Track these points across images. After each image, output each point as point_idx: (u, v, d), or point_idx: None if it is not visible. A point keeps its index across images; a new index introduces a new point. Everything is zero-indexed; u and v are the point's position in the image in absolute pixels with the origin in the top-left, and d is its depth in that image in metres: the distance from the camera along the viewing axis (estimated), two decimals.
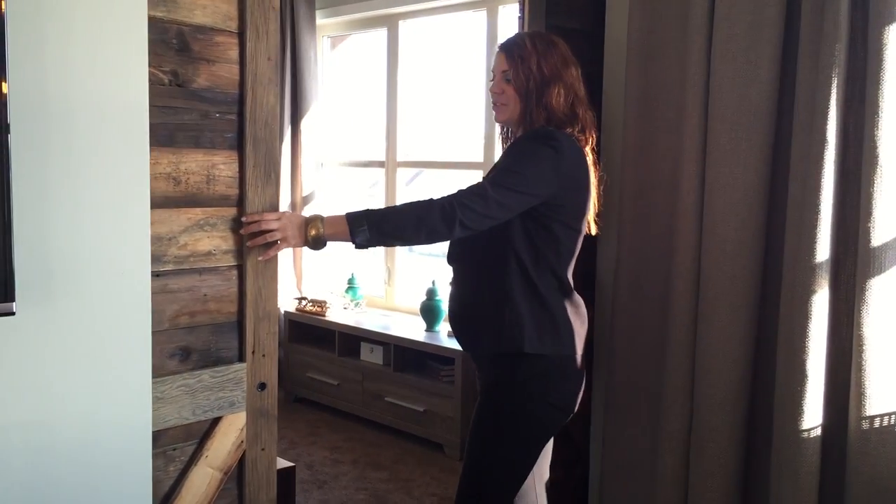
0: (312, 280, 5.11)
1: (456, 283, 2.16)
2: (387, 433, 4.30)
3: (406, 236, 1.92)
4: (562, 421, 2.12)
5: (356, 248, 1.90)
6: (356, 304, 4.74)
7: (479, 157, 4.34)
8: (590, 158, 2.09)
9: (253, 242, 1.88)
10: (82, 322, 1.56)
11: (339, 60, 5.35)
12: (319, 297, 4.80)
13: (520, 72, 2.01)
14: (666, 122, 2.56)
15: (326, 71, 5.22)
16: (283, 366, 4.94)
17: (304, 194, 5.03)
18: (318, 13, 4.94)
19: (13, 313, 1.32)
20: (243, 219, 1.88)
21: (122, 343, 1.65)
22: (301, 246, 1.90)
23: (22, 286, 1.41)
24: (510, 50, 2.06)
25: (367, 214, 1.87)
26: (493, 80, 2.10)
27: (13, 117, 1.34)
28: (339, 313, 4.68)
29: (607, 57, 2.82)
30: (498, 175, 1.97)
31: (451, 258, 2.16)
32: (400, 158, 4.81)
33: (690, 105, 2.42)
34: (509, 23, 4.22)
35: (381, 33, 4.85)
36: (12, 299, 1.29)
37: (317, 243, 1.87)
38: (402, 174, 4.87)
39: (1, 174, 1.22)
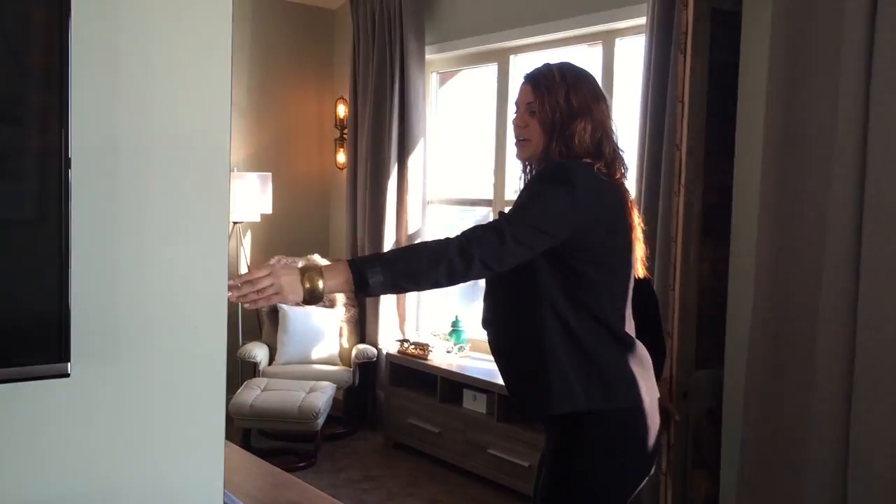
0: (416, 322, 4.95)
1: (495, 348, 2.01)
2: (489, 487, 4.05)
3: (423, 276, 1.74)
4: (634, 483, 1.92)
5: (366, 294, 1.74)
6: (460, 349, 4.54)
7: None
8: (624, 195, 1.91)
9: (251, 306, 1.67)
10: (148, 384, 1.39)
11: (448, 96, 5.23)
12: (422, 340, 4.63)
13: (545, 104, 1.89)
14: (813, 158, 2.26)
15: (435, 107, 5.11)
16: (382, 410, 4.79)
17: (409, 232, 4.90)
18: (427, 48, 4.84)
19: (68, 375, 1.16)
20: (230, 282, 1.59)
21: (193, 407, 1.47)
22: (300, 300, 1.67)
23: (80, 343, 1.25)
24: (536, 81, 1.93)
25: (378, 256, 1.74)
26: (515, 112, 1.97)
27: (76, 150, 1.18)
28: (442, 357, 4.49)
29: (743, 83, 2.55)
30: (513, 212, 1.83)
31: (486, 322, 2.01)
32: (508, 197, 4.61)
33: (843, 139, 2.12)
34: (627, 56, 3.99)
35: (491, 69, 4.70)
36: (67, 359, 1.13)
37: (313, 297, 1.67)
38: None
39: (60, 216, 1.07)
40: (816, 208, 2.22)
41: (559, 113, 1.87)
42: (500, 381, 3.92)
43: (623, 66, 3.99)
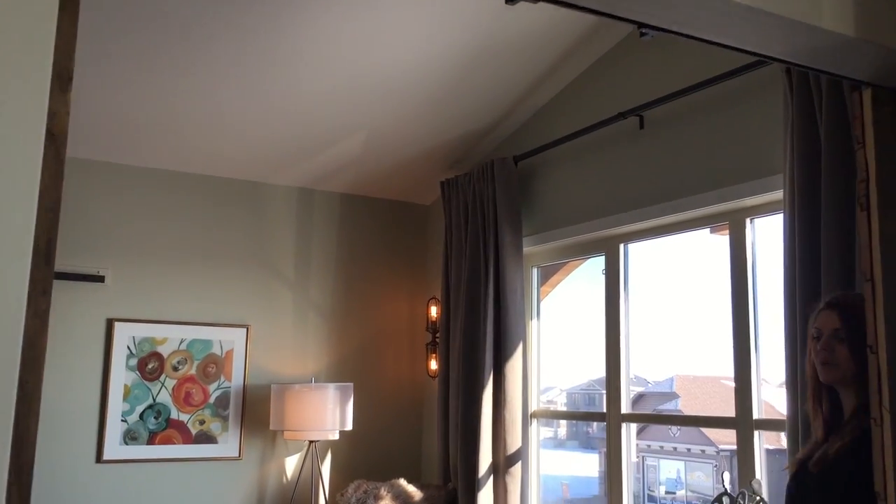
0: None
1: None
2: None
3: None
4: None
5: None
6: None
7: (730, 410, 3.26)
8: None
9: None
10: None
11: (550, 293, 4.62)
12: None
13: (857, 333, 1.97)
14: None
15: (536, 305, 4.49)
16: None
17: (508, 453, 4.12)
18: (524, 240, 4.30)
19: None
20: None
21: None
22: None
23: None
24: (846, 309, 2.04)
25: None
26: (817, 338, 2.08)
27: None
28: None
29: None
30: None
31: None
32: (625, 410, 3.81)
33: None
34: (761, 238, 3.29)
35: (598, 261, 4.09)
36: None
37: None
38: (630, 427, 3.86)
39: None
40: None
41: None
42: None
43: (759, 249, 3.29)
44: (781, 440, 3.30)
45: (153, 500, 4.27)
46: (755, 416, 3.15)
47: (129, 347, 4.30)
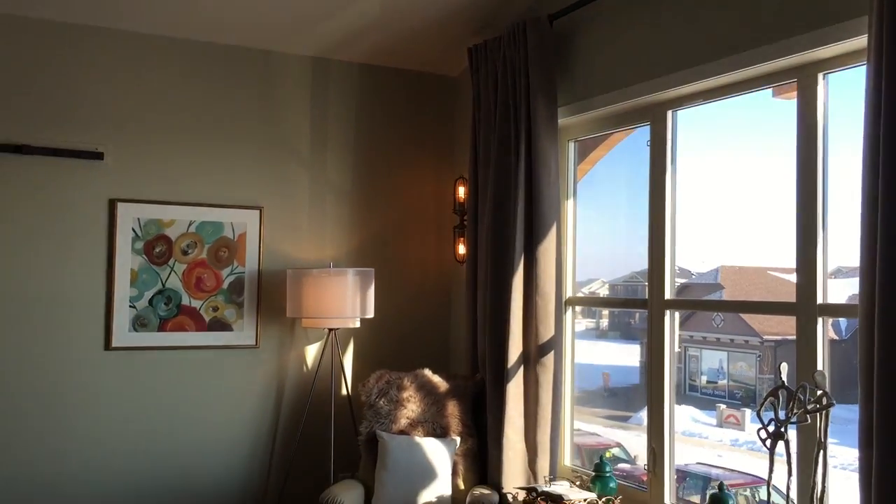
0: (553, 454, 3.81)
1: None
2: None
3: None
4: None
5: None
6: (606, 502, 3.36)
7: (791, 295, 2.89)
8: None
9: None
10: None
11: (589, 171, 4.21)
12: (556, 489, 3.48)
13: None
14: None
15: (571, 185, 4.09)
16: None
17: (540, 342, 3.83)
18: (560, 111, 3.86)
19: None
20: None
21: None
22: None
23: None
24: None
25: None
26: None
27: None
28: None
29: None
30: None
31: None
32: (668, 296, 3.46)
33: None
34: (837, 96, 2.83)
35: (642, 133, 3.66)
36: None
37: None
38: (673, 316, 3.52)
39: None
40: None
41: None
42: None
43: (837, 111, 2.84)
44: (829, 331, 2.95)
45: (166, 389, 4.09)
46: (819, 300, 2.78)
47: (134, 230, 4.03)
